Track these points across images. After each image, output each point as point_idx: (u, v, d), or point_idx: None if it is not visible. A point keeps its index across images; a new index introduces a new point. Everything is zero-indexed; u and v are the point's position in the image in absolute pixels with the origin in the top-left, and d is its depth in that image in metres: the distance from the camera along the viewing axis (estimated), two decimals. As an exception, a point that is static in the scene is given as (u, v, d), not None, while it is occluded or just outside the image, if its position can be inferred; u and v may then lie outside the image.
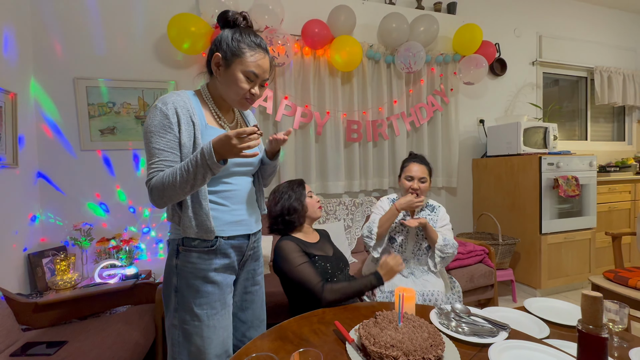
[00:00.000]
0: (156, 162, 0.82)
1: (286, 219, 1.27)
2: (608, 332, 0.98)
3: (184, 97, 0.88)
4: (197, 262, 0.88)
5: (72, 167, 1.96)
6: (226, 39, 0.87)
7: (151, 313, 1.41)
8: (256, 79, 0.89)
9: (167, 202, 0.83)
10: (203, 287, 0.88)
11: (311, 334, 0.90)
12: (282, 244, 1.21)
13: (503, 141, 2.64)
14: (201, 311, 0.87)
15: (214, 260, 0.90)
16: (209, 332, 0.88)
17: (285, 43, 2.07)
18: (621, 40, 3.59)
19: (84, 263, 1.91)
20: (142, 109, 2.06)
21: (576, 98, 3.57)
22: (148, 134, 0.83)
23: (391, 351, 0.72)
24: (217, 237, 0.90)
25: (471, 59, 2.56)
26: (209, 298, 0.89)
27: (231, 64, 0.87)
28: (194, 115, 0.86)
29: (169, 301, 0.91)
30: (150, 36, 2.08)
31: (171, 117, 0.83)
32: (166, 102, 0.84)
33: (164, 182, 0.78)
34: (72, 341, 1.17)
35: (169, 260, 0.91)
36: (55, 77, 1.92)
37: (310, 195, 1.34)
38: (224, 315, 0.91)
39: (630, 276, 1.45)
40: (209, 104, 0.93)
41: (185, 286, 0.88)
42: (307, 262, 1.17)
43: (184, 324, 0.88)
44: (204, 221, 0.86)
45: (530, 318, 1.05)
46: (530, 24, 3.15)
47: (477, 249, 2.05)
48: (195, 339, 0.87)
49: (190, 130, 0.85)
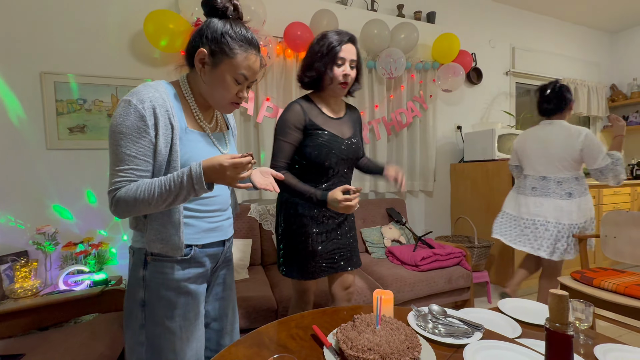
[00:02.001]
0: (125, 169, 0.71)
1: (306, 75, 1.20)
2: (574, 329, 1.02)
3: (162, 93, 0.76)
4: (169, 272, 0.79)
5: (36, 167, 1.84)
6: (214, 32, 0.76)
7: (120, 321, 1.33)
8: (245, 82, 0.80)
9: (131, 215, 0.74)
10: (176, 298, 0.81)
11: (288, 339, 0.88)
12: (288, 106, 1.20)
13: (479, 147, 2.73)
14: (174, 324, 0.80)
15: (188, 269, 0.82)
16: (183, 345, 0.82)
17: (267, 44, 2.05)
18: (586, 54, 3.84)
19: (48, 269, 1.79)
20: (115, 107, 1.97)
21: (546, 107, 3.75)
22: (118, 135, 0.70)
23: (368, 354, 0.71)
24: (192, 246, 0.83)
25: (449, 67, 2.64)
26: (183, 309, 0.82)
27: (219, 64, 0.77)
28: (173, 117, 0.75)
29: (131, 317, 0.81)
30: (125, 32, 2.00)
31: (148, 119, 0.71)
32: (143, 99, 0.71)
33: (137, 198, 0.69)
34: (30, 354, 1.09)
35: (134, 272, 0.81)
36: (19, 70, 1.80)
37: (339, 64, 1.15)
38: (196, 325, 0.85)
39: (594, 276, 1.53)
40: (189, 102, 0.83)
41: (156, 299, 0.79)
42: (286, 142, 1.16)
43: (155, 338, 0.80)
44: (171, 236, 0.76)
45: (503, 318, 1.07)
46: (505, 36, 3.31)
47: (455, 251, 2.10)
48: (167, 354, 0.80)
49: (168, 135, 0.74)
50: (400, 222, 2.48)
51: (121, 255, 2.00)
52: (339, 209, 1.07)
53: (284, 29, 2.23)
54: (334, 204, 1.07)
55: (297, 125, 1.17)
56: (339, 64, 1.16)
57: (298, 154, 1.21)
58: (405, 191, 2.84)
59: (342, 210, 1.07)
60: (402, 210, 2.63)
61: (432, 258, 2.02)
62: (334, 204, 1.07)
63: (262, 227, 2.17)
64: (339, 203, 1.05)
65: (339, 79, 1.16)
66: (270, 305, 1.59)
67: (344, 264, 1.29)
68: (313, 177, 1.21)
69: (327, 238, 1.25)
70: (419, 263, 1.97)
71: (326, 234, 1.25)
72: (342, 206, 1.05)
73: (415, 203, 2.92)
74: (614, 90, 3.90)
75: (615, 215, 1.73)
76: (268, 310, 1.57)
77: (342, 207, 1.06)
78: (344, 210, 1.07)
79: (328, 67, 1.16)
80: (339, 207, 1.06)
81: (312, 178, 1.21)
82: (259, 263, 2.14)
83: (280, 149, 1.17)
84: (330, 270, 1.26)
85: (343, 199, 1.05)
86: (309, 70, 1.19)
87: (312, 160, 1.19)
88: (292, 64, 2.32)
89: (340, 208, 1.06)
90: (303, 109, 1.18)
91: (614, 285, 1.42)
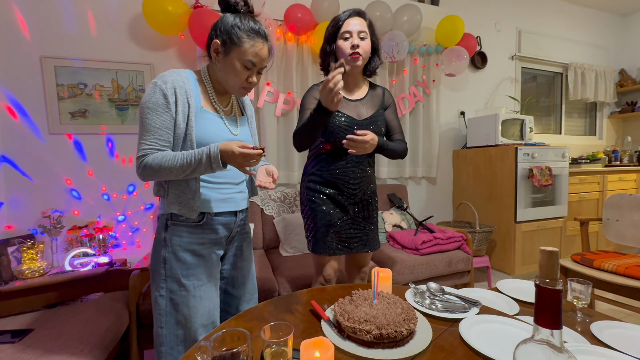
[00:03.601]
0: (151, 139, 0.84)
1: (321, 56, 1.25)
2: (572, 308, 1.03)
3: (183, 77, 0.89)
4: (184, 235, 0.92)
5: (39, 151, 1.86)
6: (225, 25, 0.88)
7: (125, 300, 1.37)
8: (254, 68, 0.90)
9: (154, 179, 0.87)
10: (190, 259, 0.92)
11: (287, 313, 0.90)
12: (310, 88, 1.25)
13: (482, 133, 2.70)
14: (188, 282, 0.91)
15: (202, 234, 0.94)
16: (195, 302, 0.91)
17: (267, 27, 2.02)
18: (595, 38, 3.73)
19: (54, 252, 1.83)
20: (116, 91, 1.97)
21: (552, 94, 3.69)
22: (145, 110, 0.85)
23: (364, 325, 0.72)
24: (204, 214, 0.94)
25: (453, 50, 2.59)
26: (196, 270, 0.92)
27: (229, 52, 0.88)
28: (191, 97, 0.88)
29: (156, 273, 0.93)
30: (124, 14, 1.98)
31: (169, 97, 0.85)
32: (166, 80, 0.86)
33: (162, 165, 0.82)
34: (38, 329, 1.12)
35: (158, 235, 0.94)
36: (20, 55, 1.80)
37: (346, 37, 1.16)
38: (210, 287, 0.95)
39: (595, 258, 1.53)
40: (207, 87, 0.95)
41: (174, 258, 0.91)
42: (309, 109, 1.14)
43: (172, 294, 0.91)
44: (189, 200, 0.89)
45: (502, 297, 1.08)
46: (510, 19, 3.22)
47: (455, 236, 2.10)
48: (182, 308, 0.90)
49: (185, 112, 0.87)
50: (401, 207, 2.48)
51: (124, 239, 2.04)
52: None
53: (284, 12, 2.19)
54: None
55: (312, 106, 1.15)
56: (346, 37, 1.16)
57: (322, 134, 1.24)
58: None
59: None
60: (403, 196, 2.63)
61: (433, 242, 2.03)
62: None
63: (264, 212, 2.19)
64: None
65: (347, 50, 1.16)
66: (272, 286, 1.61)
67: (359, 245, 1.31)
68: (332, 157, 1.25)
69: (345, 221, 1.28)
70: (419, 247, 1.98)
71: (345, 215, 1.28)
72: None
73: (418, 189, 2.91)
74: (623, 75, 3.81)
75: (618, 198, 1.71)
76: (269, 291, 1.60)
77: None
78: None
79: (336, 42, 1.18)
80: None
81: (330, 159, 1.25)
82: (261, 247, 2.16)
83: (300, 121, 1.21)
84: (346, 250, 1.29)
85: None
86: (321, 53, 1.24)
87: (327, 141, 1.23)
88: (293, 47, 2.29)
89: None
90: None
91: (614, 267, 1.42)
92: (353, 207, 1.29)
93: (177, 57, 2.11)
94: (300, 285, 1.64)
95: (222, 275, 1.05)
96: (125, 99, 1.99)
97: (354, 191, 1.27)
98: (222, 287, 1.05)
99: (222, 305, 1.05)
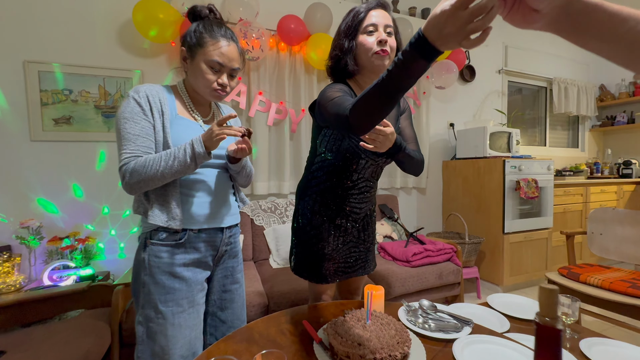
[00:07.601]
0: (131, 147, 0.81)
1: (330, 57, 1.03)
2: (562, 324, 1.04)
3: (157, 88, 0.89)
4: (164, 256, 0.86)
5: (19, 158, 1.78)
6: (190, 31, 0.89)
7: (106, 318, 1.31)
8: (222, 69, 0.88)
9: (142, 188, 0.82)
10: (169, 282, 0.85)
11: (279, 334, 0.87)
12: (328, 85, 0.99)
13: (471, 144, 2.75)
14: (166, 308, 0.84)
15: (184, 254, 0.88)
16: (174, 330, 0.84)
17: (260, 37, 2.01)
18: (576, 54, 3.88)
19: (32, 264, 1.74)
20: (102, 98, 1.92)
21: (537, 106, 3.81)
22: (122, 120, 0.83)
23: (358, 349, 0.71)
24: (186, 230, 0.88)
25: (443, 64, 2.64)
26: (175, 294, 0.85)
27: (195, 56, 0.87)
28: (165, 105, 0.87)
29: (137, 297, 0.88)
30: (113, 20, 1.94)
31: (144, 105, 0.84)
32: (138, 90, 0.86)
33: (146, 165, 0.79)
34: (11, 351, 1.05)
35: (137, 255, 0.89)
36: (1, 58, 1.73)
37: (370, 31, 0.95)
38: (191, 314, 0.88)
39: (581, 272, 1.56)
40: (183, 97, 0.94)
41: (152, 282, 0.85)
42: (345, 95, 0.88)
43: (149, 321, 0.84)
44: (173, 208, 0.85)
45: (492, 313, 1.09)
46: (497, 34, 3.32)
47: (446, 247, 2.12)
48: (159, 337, 0.83)
49: (159, 119, 0.86)
50: (392, 218, 2.48)
51: (109, 250, 1.96)
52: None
53: (277, 22, 2.19)
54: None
55: (341, 93, 0.92)
56: (370, 31, 0.96)
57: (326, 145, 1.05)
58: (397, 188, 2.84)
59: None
60: (394, 206, 2.64)
61: (424, 254, 2.04)
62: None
63: (254, 223, 2.15)
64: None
65: (373, 47, 0.94)
66: (262, 301, 1.58)
67: (358, 269, 1.15)
68: (340, 167, 1.04)
69: (344, 244, 1.10)
70: (410, 259, 1.98)
71: (343, 238, 1.09)
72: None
73: (408, 200, 2.93)
74: (603, 90, 3.97)
75: (602, 212, 1.76)
76: (259, 306, 1.56)
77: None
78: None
79: (356, 38, 0.97)
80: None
81: (339, 169, 1.04)
82: (250, 258, 2.12)
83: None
84: (344, 276, 1.12)
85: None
86: (333, 49, 1.03)
87: (335, 152, 1.03)
88: (286, 57, 2.29)
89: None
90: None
91: (599, 281, 1.45)
92: (354, 226, 1.11)
93: (167, 64, 2.07)
94: (292, 300, 1.61)
95: (210, 298, 0.99)
96: (112, 106, 1.94)
97: (359, 211, 1.10)
98: (210, 310, 0.99)
99: (208, 329, 0.99)
